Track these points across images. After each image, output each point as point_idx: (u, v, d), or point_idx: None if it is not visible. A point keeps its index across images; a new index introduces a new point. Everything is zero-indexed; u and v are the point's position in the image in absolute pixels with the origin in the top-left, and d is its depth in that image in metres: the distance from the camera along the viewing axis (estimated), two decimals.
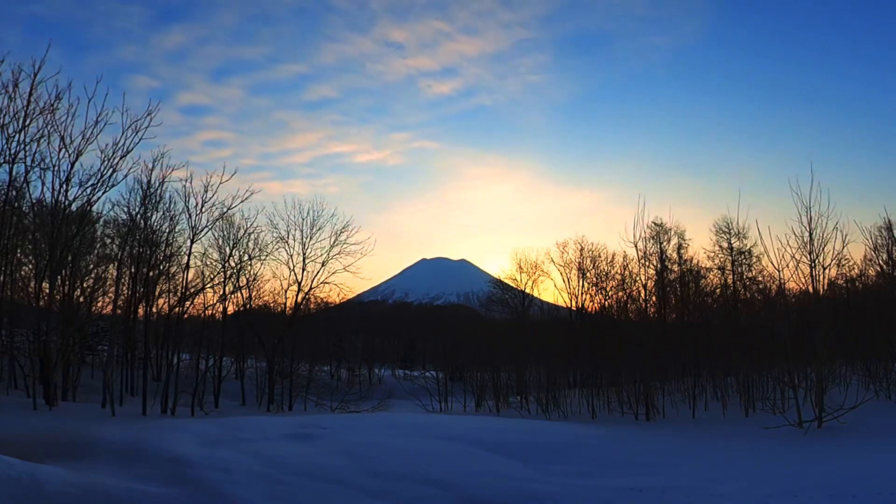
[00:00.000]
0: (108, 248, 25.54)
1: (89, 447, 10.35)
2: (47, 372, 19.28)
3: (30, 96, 18.42)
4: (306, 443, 11.84)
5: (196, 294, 25.82)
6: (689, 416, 21.54)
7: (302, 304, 31.67)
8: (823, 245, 16.60)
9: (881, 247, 24.09)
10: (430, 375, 37.35)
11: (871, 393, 19.50)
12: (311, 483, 8.46)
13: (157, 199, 23.68)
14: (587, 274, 35.98)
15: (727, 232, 30.81)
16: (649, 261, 26.70)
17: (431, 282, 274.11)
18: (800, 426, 15.99)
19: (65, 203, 19.96)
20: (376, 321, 68.47)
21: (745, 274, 30.21)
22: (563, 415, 25.20)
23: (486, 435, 13.56)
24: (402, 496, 8.01)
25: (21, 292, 22.71)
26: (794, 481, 9.03)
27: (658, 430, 18.35)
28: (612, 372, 26.15)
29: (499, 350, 31.97)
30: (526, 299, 42.18)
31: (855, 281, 27.29)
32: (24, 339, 22.91)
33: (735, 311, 27.15)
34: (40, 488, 7.03)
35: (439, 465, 9.93)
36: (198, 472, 8.61)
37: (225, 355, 29.94)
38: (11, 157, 18.72)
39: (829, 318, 17.46)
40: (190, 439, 11.36)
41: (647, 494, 8.31)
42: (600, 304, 34.23)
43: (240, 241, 28.83)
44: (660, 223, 30.56)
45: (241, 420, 15.79)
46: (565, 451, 12.34)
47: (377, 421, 16.69)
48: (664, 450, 13.52)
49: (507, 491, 8.30)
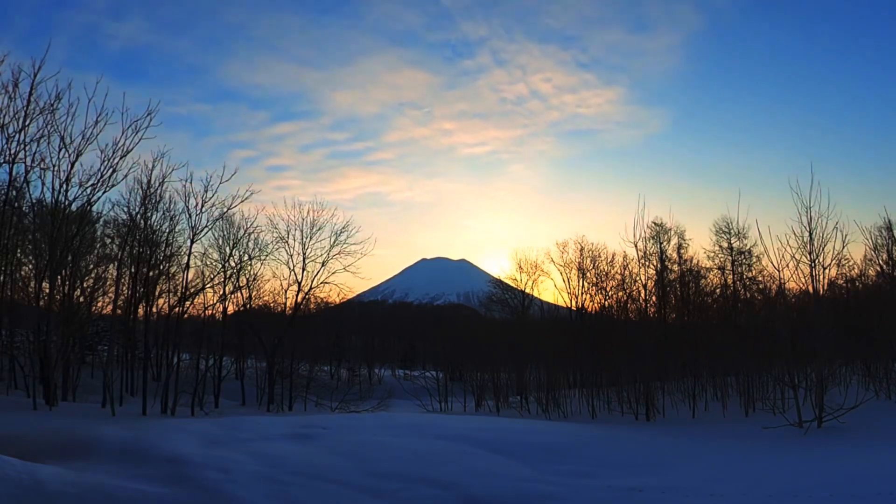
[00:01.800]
0: (108, 248, 25.53)
1: (89, 447, 10.34)
2: (47, 372, 19.27)
3: (30, 96, 18.42)
4: (306, 443, 11.84)
5: (196, 294, 25.83)
6: (689, 416, 21.54)
7: (302, 304, 31.66)
8: (823, 245, 16.59)
9: (881, 247, 24.08)
10: (430, 375, 37.37)
11: (871, 393, 19.49)
12: (311, 483, 8.46)
13: (157, 199, 23.67)
14: (587, 274, 35.94)
15: (727, 232, 30.73)
16: (649, 261, 26.65)
17: (431, 282, 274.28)
18: (800, 426, 15.99)
19: (65, 203, 19.95)
20: (376, 321, 68.49)
21: (745, 274, 30.13)
22: (563, 415, 25.21)
23: (486, 435, 13.57)
24: (402, 496, 8.01)
25: (21, 292, 22.70)
26: (794, 481, 9.04)
27: (658, 430, 18.35)
28: (612, 372, 26.15)
29: (499, 350, 31.98)
30: (526, 299, 42.14)
31: (855, 281, 27.28)
32: (24, 339, 22.89)
33: (735, 311, 27.12)
34: (40, 488, 7.03)
35: (439, 465, 9.93)
36: (198, 472, 8.61)
37: (225, 355, 29.91)
38: (11, 157, 18.73)
39: (829, 318, 17.44)
40: (190, 439, 11.37)
41: (647, 494, 8.31)
42: (600, 304, 34.20)
43: (240, 241, 28.86)
44: (660, 223, 30.48)
45: (241, 420, 15.79)
46: (565, 451, 12.34)
47: (377, 421, 16.69)
48: (664, 450, 13.53)
49: (507, 491, 8.30)
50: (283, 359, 30.58)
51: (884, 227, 23.70)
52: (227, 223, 28.13)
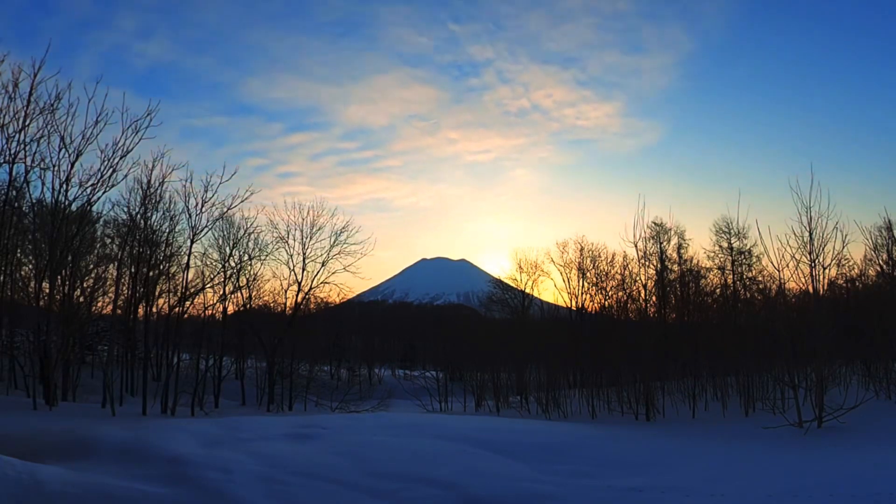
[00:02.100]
0: (108, 248, 25.52)
1: (89, 447, 10.34)
2: (47, 372, 19.27)
3: (30, 96, 18.42)
4: (306, 443, 11.84)
5: (196, 294, 25.82)
6: (689, 416, 21.54)
7: (302, 304, 31.68)
8: (823, 245, 16.57)
9: (881, 247, 24.02)
10: (430, 375, 37.35)
11: (871, 393, 19.48)
12: (311, 483, 8.46)
13: (157, 199, 23.68)
14: (587, 274, 35.98)
15: (727, 232, 30.76)
16: (649, 261, 26.63)
17: (431, 282, 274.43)
18: (800, 426, 15.98)
19: (65, 203, 19.94)
20: (376, 321, 68.44)
21: (745, 274, 30.14)
22: (563, 415, 25.19)
23: (486, 435, 13.56)
24: (403, 496, 8.02)
25: (21, 292, 22.69)
26: (794, 481, 9.03)
27: (658, 430, 18.35)
28: (612, 372, 26.13)
29: (499, 350, 31.96)
30: (526, 299, 42.14)
31: (855, 281, 27.24)
32: (24, 339, 22.88)
33: (735, 311, 27.11)
34: (40, 488, 7.03)
35: (439, 465, 9.93)
36: (198, 472, 8.60)
37: (225, 355, 29.91)
38: (11, 157, 18.72)
39: (829, 318, 17.42)
40: (190, 439, 11.36)
41: (647, 494, 8.32)
42: (600, 304, 34.22)
43: (240, 241, 28.87)
44: (660, 223, 30.51)
45: (241, 420, 15.78)
46: (565, 451, 12.34)
47: (377, 421, 16.68)
48: (664, 450, 13.53)
49: (508, 491, 8.30)
50: (283, 359, 30.58)
51: (884, 227, 23.68)
52: (227, 223, 28.18)
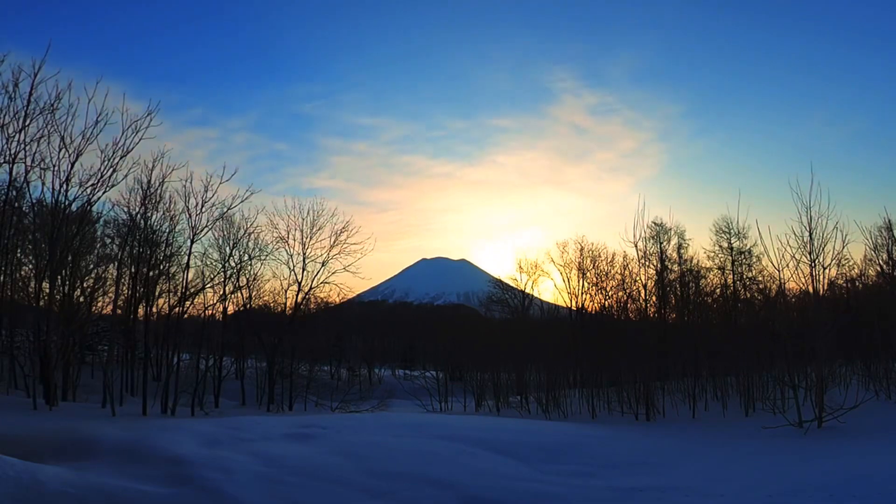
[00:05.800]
0: (108, 248, 25.48)
1: (89, 447, 10.34)
2: (47, 372, 19.25)
3: (30, 96, 18.35)
4: (306, 443, 11.84)
5: (196, 294, 25.78)
6: (689, 416, 21.54)
7: (302, 304, 31.65)
8: (823, 245, 16.57)
9: (881, 247, 23.98)
10: (430, 375, 37.33)
11: (871, 393, 19.48)
12: (311, 483, 8.46)
13: (157, 199, 23.63)
14: (587, 274, 35.94)
15: (727, 232, 30.73)
16: (649, 261, 26.61)
17: (431, 282, 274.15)
18: (800, 426, 15.98)
19: (65, 203, 19.91)
20: (376, 321, 68.45)
21: (745, 274, 30.12)
22: (563, 415, 25.19)
23: (486, 435, 13.56)
24: (403, 496, 8.02)
25: (21, 292, 22.68)
26: (794, 481, 9.03)
27: (658, 430, 18.36)
28: (612, 372, 26.14)
29: (499, 350, 31.96)
30: (526, 299, 42.17)
31: (855, 281, 27.25)
32: (24, 339, 22.88)
33: (735, 311, 27.12)
34: (40, 488, 7.03)
35: (440, 465, 9.93)
36: (198, 472, 8.61)
37: (225, 355, 29.92)
38: (11, 157, 18.67)
39: (829, 318, 17.42)
40: (190, 439, 11.36)
41: (647, 494, 8.32)
42: (600, 303, 34.18)
43: (240, 241, 28.85)
44: (660, 223, 30.51)
45: (241, 420, 15.77)
46: (565, 451, 12.35)
47: (377, 421, 16.68)
48: (664, 450, 13.53)
49: (507, 491, 8.30)
50: (283, 359, 30.56)
51: (884, 227, 23.64)
52: (227, 223, 28.13)
